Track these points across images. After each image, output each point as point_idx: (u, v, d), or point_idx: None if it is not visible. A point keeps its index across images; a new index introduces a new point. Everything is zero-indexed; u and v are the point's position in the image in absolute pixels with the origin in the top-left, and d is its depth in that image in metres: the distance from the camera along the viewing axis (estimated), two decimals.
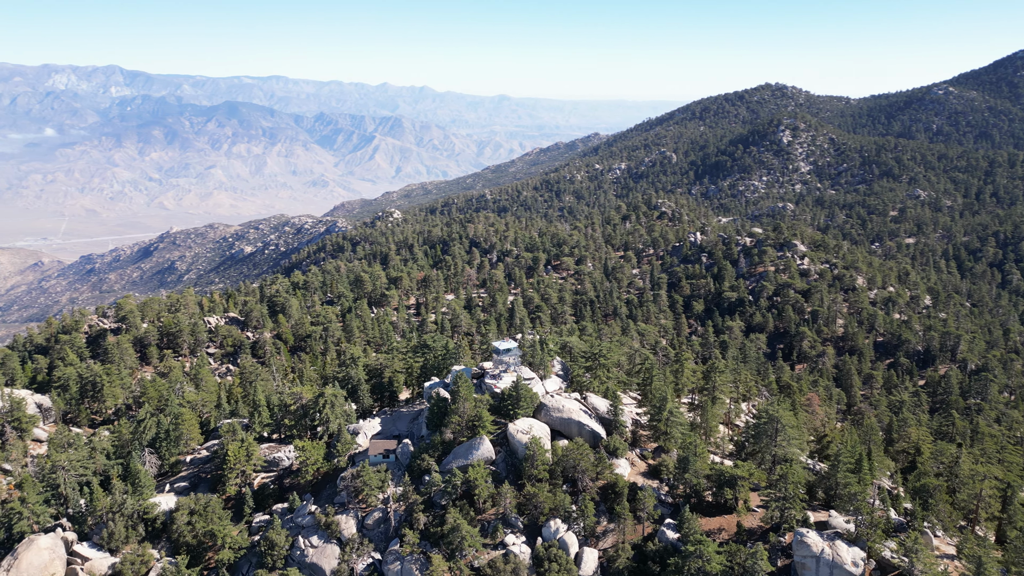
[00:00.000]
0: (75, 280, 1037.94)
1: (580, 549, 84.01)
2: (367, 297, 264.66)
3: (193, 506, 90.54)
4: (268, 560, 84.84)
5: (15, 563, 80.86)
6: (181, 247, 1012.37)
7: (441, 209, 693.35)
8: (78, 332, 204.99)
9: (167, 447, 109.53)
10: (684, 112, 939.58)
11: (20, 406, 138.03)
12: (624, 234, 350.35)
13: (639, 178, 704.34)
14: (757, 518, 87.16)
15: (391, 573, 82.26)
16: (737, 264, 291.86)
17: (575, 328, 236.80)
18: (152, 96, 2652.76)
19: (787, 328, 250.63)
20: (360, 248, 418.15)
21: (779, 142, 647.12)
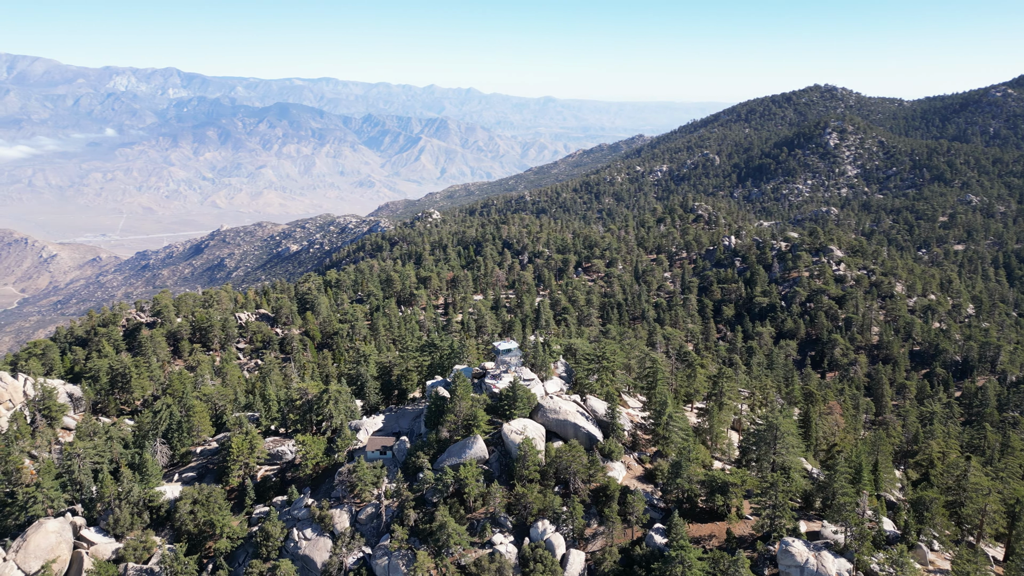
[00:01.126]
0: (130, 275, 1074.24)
1: (567, 551, 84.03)
2: (396, 296, 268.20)
3: (196, 496, 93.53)
4: (263, 551, 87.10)
5: (24, 544, 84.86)
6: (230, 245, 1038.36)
7: (480, 210, 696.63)
8: (115, 325, 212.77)
9: (178, 438, 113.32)
10: (729, 114, 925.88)
11: (51, 395, 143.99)
12: (658, 237, 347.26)
13: (680, 180, 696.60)
14: (749, 526, 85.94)
15: (379, 568, 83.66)
16: (771, 269, 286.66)
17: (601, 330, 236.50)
18: (207, 98, 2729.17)
19: (819, 335, 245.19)
20: (397, 248, 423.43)
21: (825, 144, 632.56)
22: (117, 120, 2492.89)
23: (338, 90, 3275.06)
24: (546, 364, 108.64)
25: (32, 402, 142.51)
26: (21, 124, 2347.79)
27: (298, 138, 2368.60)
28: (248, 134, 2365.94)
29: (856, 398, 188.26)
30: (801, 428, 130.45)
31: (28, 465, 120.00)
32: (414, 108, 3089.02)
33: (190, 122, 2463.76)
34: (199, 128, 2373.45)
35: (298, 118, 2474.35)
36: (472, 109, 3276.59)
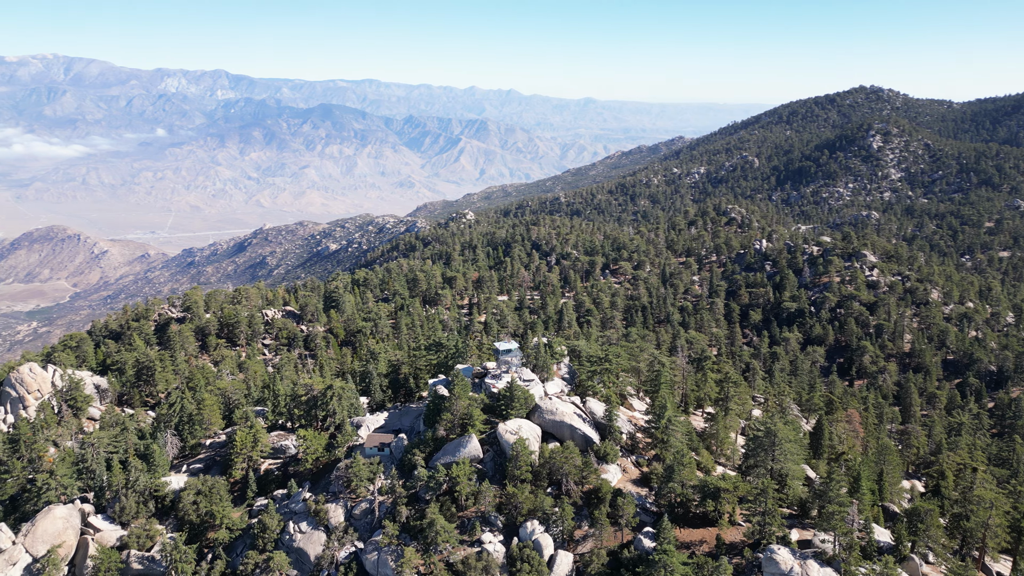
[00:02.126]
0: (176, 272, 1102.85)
1: (555, 551, 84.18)
2: (422, 296, 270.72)
3: (200, 487, 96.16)
4: (259, 542, 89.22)
5: (32, 529, 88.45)
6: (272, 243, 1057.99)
7: (515, 211, 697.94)
8: (147, 320, 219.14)
9: (189, 430, 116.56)
10: (771, 116, 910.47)
11: (78, 386, 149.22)
12: (688, 240, 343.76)
13: (718, 183, 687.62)
14: (741, 532, 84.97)
15: (368, 563, 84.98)
16: (801, 274, 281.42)
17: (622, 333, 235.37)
18: (254, 99, 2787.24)
19: (848, 342, 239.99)
20: (430, 248, 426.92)
21: (868, 147, 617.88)
22: (168, 120, 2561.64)
23: (380, 91, 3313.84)
24: (547, 365, 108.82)
25: (59, 392, 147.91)
26: (76, 124, 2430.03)
27: (341, 139, 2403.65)
28: (292, 135, 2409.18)
29: (881, 407, 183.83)
30: (813, 436, 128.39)
31: (51, 453, 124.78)
32: (455, 109, 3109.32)
33: (237, 123, 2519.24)
34: (245, 128, 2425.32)
35: (341, 119, 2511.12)
36: (512, 110, 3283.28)
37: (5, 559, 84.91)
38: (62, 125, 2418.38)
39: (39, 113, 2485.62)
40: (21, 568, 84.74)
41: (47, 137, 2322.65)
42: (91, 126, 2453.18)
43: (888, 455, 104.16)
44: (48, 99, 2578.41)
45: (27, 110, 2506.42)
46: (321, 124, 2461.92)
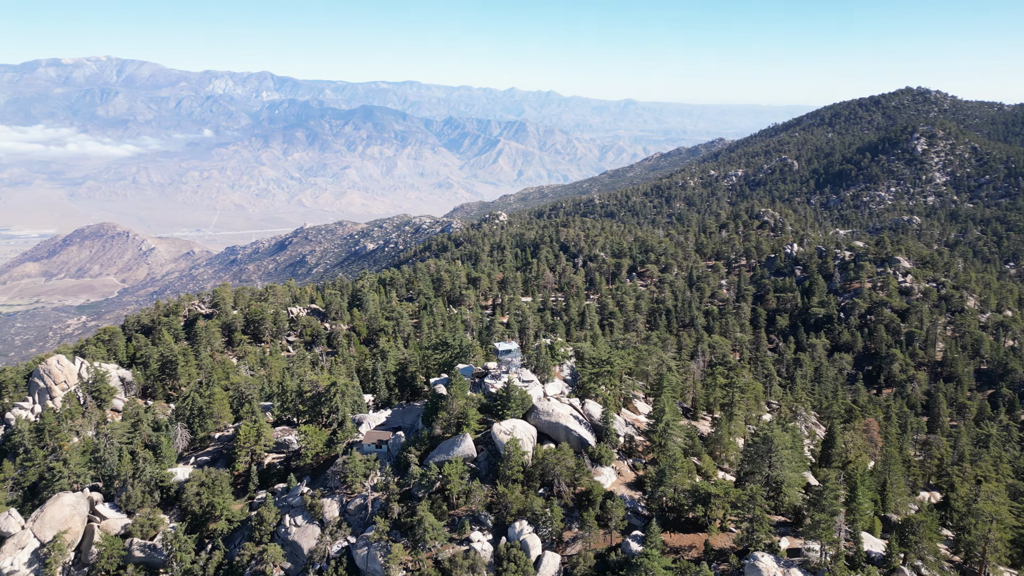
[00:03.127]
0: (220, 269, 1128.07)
1: (543, 552, 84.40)
2: (447, 295, 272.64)
3: (203, 478, 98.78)
4: (256, 534, 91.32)
5: (41, 515, 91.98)
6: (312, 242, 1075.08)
7: (548, 213, 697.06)
8: (177, 316, 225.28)
9: (199, 423, 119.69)
10: (812, 117, 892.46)
11: (103, 379, 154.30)
12: (718, 243, 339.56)
13: (756, 185, 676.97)
14: (731, 539, 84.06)
15: (358, 557, 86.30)
16: (831, 279, 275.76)
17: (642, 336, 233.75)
18: (297, 100, 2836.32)
19: (878, 349, 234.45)
20: (461, 248, 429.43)
21: (912, 150, 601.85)
22: (214, 121, 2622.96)
23: (421, 93, 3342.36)
24: (548, 367, 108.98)
25: (85, 384, 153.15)
26: (128, 124, 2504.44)
27: (381, 140, 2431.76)
28: (334, 135, 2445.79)
29: (905, 416, 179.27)
30: (825, 444, 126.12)
31: (73, 443, 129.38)
32: (494, 111, 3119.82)
33: (280, 124, 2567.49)
34: (289, 129, 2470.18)
35: (382, 120, 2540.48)
36: (551, 112, 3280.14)
37: (14, 543, 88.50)
38: (114, 125, 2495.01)
39: (92, 113, 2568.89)
40: (29, 552, 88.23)
41: (100, 137, 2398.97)
42: (142, 126, 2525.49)
43: (893, 465, 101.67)
44: (101, 100, 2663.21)
45: (81, 111, 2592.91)
46: (362, 125, 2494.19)
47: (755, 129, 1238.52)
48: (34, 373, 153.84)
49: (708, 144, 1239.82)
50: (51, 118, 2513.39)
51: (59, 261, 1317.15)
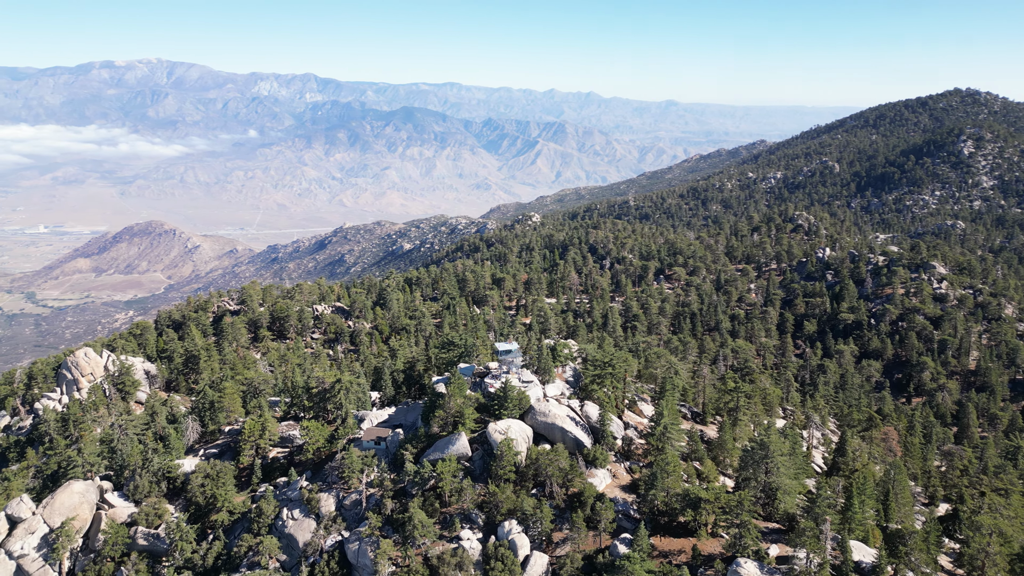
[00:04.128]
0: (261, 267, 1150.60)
1: (531, 552, 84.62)
2: (471, 295, 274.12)
3: (208, 471, 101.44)
4: (255, 526, 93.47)
5: (51, 502, 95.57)
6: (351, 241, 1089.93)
7: (582, 214, 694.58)
8: (206, 312, 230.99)
9: (210, 416, 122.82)
10: (856, 119, 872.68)
11: (128, 371, 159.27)
12: (749, 246, 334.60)
13: (795, 188, 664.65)
14: (720, 544, 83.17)
15: (350, 552, 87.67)
16: (863, 284, 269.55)
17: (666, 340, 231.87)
18: (340, 102, 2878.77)
19: (908, 357, 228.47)
20: (492, 249, 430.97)
21: (958, 153, 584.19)
22: (259, 122, 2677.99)
23: (461, 95, 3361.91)
24: (549, 368, 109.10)
25: (110, 376, 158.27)
26: (177, 125, 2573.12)
27: (421, 141, 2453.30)
28: (375, 136, 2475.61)
29: (931, 426, 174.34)
30: (836, 452, 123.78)
31: (95, 433, 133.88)
32: (533, 112, 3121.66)
33: (323, 125, 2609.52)
34: (331, 130, 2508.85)
35: (422, 122, 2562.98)
36: (591, 113, 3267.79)
37: (25, 528, 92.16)
38: (164, 126, 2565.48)
39: (143, 114, 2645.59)
40: (38, 537, 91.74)
41: (150, 137, 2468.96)
42: (190, 127, 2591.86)
43: (898, 475, 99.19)
44: (152, 101, 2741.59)
45: (132, 112, 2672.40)
46: (403, 126, 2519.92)
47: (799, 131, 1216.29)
48: (63, 365, 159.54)
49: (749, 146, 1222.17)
50: (104, 119, 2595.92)
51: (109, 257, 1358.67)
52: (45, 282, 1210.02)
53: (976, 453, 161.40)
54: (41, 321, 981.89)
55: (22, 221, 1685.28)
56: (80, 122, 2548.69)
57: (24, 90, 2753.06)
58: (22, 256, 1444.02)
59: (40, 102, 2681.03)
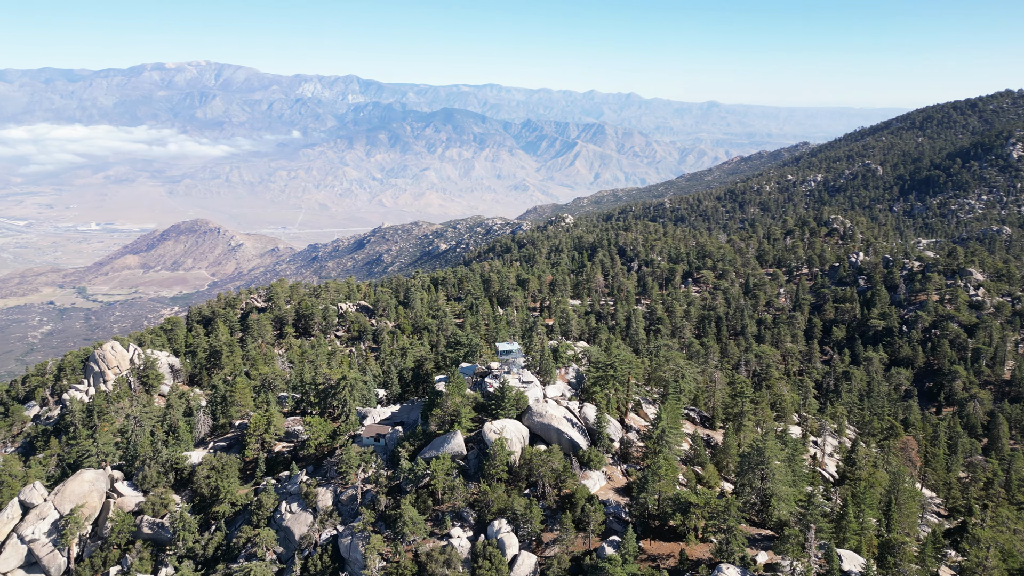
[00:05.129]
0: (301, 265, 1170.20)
1: (519, 552, 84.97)
2: (495, 296, 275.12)
3: (214, 463, 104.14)
4: (254, 518, 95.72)
5: (62, 489, 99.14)
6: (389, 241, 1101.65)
7: (617, 216, 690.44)
8: (234, 309, 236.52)
9: (221, 410, 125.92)
10: (902, 121, 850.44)
11: (152, 365, 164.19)
12: (780, 250, 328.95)
13: (836, 191, 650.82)
14: (709, 549, 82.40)
15: (343, 546, 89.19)
16: (896, 290, 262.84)
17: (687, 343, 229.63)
18: (381, 103, 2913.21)
19: (940, 366, 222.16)
20: (524, 250, 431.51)
21: (1007, 156, 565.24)
22: (303, 123, 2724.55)
23: (501, 96, 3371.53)
24: (550, 369, 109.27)
25: (135, 369, 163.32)
26: (223, 126, 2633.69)
27: (460, 142, 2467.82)
28: (415, 138, 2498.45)
29: (958, 436, 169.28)
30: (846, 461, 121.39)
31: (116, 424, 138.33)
32: (573, 113, 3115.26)
33: (365, 126, 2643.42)
34: (372, 131, 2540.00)
35: (461, 123, 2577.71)
36: (631, 114, 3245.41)
37: (36, 514, 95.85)
38: (211, 127, 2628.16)
39: (192, 115, 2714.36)
40: (49, 523, 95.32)
41: (198, 137, 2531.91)
42: (236, 128, 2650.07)
43: (902, 485, 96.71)
44: (200, 103, 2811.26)
45: (181, 113, 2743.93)
46: (442, 128, 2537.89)
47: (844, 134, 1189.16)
48: (90, 358, 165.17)
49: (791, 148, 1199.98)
50: (154, 119, 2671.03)
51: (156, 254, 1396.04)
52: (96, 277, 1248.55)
53: (1003, 465, 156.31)
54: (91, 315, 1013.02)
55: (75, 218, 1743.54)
56: (132, 123, 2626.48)
57: (79, 91, 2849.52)
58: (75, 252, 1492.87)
59: (94, 103, 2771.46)
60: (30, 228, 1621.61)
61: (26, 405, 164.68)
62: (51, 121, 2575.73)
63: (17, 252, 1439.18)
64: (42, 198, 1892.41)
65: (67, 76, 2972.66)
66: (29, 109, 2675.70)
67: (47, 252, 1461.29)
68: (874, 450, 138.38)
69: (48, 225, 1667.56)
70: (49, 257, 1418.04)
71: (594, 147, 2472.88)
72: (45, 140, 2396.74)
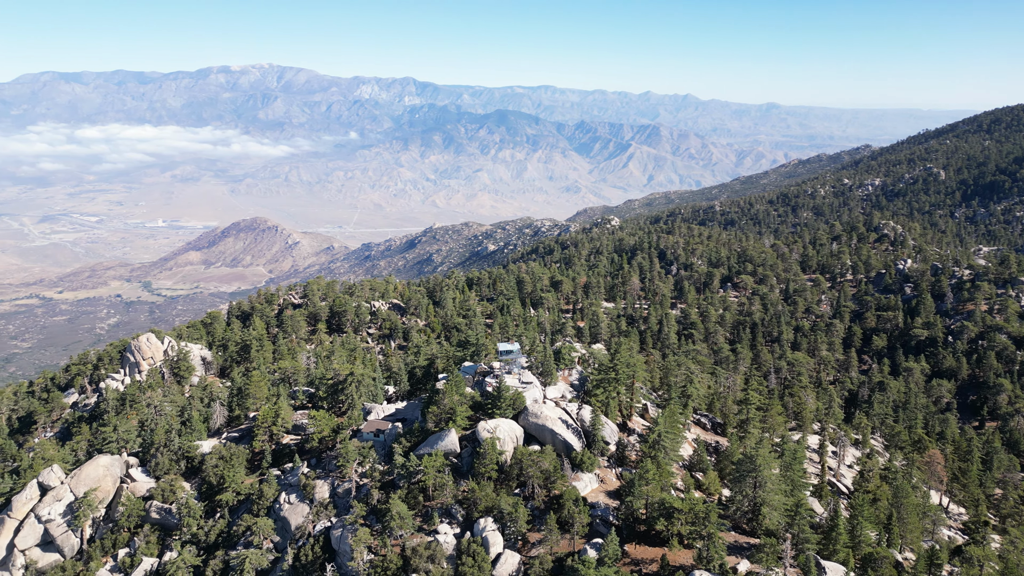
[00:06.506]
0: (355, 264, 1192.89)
1: (503, 551, 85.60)
2: (527, 298, 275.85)
3: (222, 452, 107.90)
4: (255, 507, 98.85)
5: (78, 473, 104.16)
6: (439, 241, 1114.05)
7: (665, 219, 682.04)
8: (272, 305, 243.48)
9: (237, 402, 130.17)
10: (969, 124, 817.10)
11: (185, 357, 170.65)
12: (825, 256, 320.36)
13: (894, 196, 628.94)
14: (692, 556, 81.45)
15: (333, 538, 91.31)
16: (943, 299, 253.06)
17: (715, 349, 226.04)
18: (437, 105, 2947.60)
19: (985, 378, 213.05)
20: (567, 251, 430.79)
21: None
22: (360, 124, 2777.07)
23: (555, 97, 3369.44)
24: (551, 370, 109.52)
25: (168, 361, 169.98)
26: (284, 127, 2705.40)
27: (513, 143, 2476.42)
28: (469, 139, 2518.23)
29: (994, 452, 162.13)
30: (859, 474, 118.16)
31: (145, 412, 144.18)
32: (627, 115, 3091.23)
33: (419, 127, 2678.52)
34: (427, 133, 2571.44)
35: (515, 124, 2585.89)
36: (687, 116, 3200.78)
37: (53, 495, 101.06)
38: (272, 128, 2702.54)
39: (254, 117, 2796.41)
40: (64, 505, 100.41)
41: (259, 138, 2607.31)
42: (295, 129, 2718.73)
43: (904, 499, 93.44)
44: (262, 104, 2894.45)
45: (245, 114, 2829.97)
46: (496, 129, 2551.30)
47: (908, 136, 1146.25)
48: (127, 348, 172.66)
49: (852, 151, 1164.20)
50: (219, 120, 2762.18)
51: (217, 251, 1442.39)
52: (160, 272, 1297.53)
53: None
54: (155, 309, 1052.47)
55: (143, 215, 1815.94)
56: (198, 123, 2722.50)
57: (149, 93, 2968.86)
58: (142, 248, 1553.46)
59: (163, 104, 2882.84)
60: (101, 224, 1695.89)
61: (66, 392, 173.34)
62: (123, 122, 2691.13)
63: (89, 247, 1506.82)
64: (113, 195, 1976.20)
65: (138, 78, 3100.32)
66: (103, 110, 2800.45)
67: (116, 247, 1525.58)
68: (897, 463, 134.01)
69: (118, 221, 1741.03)
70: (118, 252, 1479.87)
71: (648, 149, 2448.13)
72: (117, 140, 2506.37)
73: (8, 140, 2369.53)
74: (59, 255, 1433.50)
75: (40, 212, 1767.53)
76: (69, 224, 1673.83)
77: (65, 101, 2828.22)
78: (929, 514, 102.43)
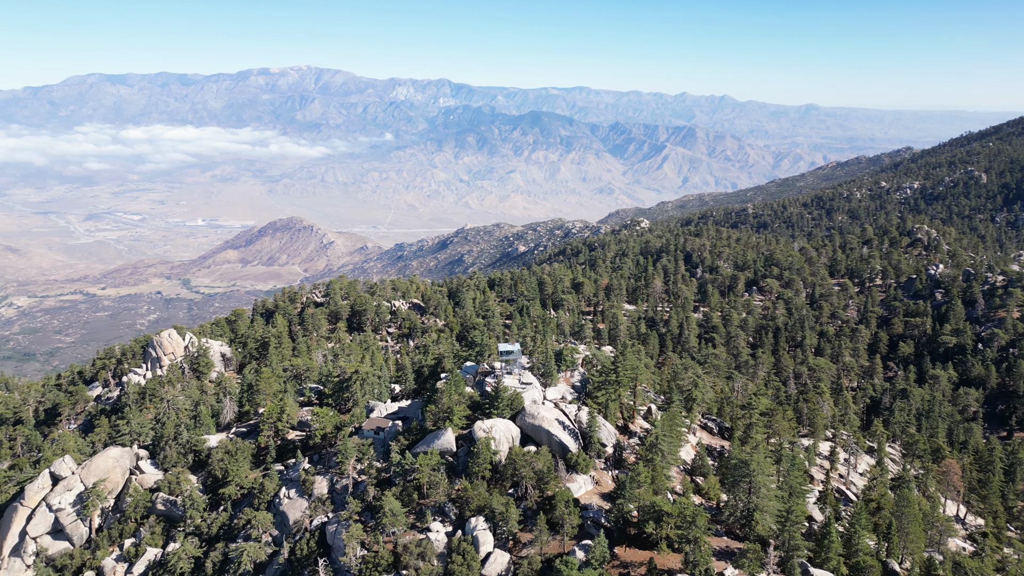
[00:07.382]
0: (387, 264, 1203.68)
1: (493, 549, 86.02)
2: (548, 299, 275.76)
3: (228, 447, 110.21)
4: (256, 501, 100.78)
5: (89, 464, 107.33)
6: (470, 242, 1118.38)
7: (697, 221, 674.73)
8: (294, 303, 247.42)
9: (247, 398, 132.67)
10: (1013, 126, 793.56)
11: (205, 353, 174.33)
12: (855, 260, 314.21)
13: (933, 200, 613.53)
14: (680, 559, 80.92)
15: (328, 533, 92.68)
16: (974, 306, 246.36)
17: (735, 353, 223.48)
18: (471, 106, 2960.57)
19: (1015, 387, 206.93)
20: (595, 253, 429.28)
21: None
22: (395, 126, 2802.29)
23: (589, 99, 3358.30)
24: (551, 371, 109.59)
25: (189, 356, 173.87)
26: (320, 128, 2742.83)
27: (547, 145, 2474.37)
28: (503, 140, 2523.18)
29: (1018, 463, 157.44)
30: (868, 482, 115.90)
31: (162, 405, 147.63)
32: (663, 116, 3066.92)
33: (454, 128, 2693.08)
34: (461, 134, 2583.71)
35: (549, 126, 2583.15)
36: (724, 117, 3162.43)
37: (64, 485, 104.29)
38: (309, 129, 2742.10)
39: (292, 118, 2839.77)
40: (75, 494, 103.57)
41: (296, 139, 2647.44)
42: (332, 130, 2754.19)
43: (906, 508, 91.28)
44: (300, 105, 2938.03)
45: (283, 115, 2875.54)
46: (530, 131, 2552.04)
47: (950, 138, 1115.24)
48: (149, 344, 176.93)
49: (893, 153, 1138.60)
50: (258, 121, 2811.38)
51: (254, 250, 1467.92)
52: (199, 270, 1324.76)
53: None
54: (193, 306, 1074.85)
55: (184, 214, 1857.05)
56: (237, 124, 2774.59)
57: (191, 95, 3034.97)
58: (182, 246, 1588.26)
59: (204, 106, 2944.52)
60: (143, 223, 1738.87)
61: (90, 386, 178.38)
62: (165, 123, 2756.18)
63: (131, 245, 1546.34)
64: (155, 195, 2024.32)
65: (181, 80, 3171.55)
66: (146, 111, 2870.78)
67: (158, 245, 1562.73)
68: (913, 472, 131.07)
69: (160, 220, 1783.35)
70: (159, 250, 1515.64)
71: (683, 150, 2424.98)
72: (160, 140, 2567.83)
73: (56, 140, 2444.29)
74: (103, 252, 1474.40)
75: (85, 210, 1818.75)
76: (113, 222, 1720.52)
77: (111, 102, 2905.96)
78: (936, 524, 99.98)
